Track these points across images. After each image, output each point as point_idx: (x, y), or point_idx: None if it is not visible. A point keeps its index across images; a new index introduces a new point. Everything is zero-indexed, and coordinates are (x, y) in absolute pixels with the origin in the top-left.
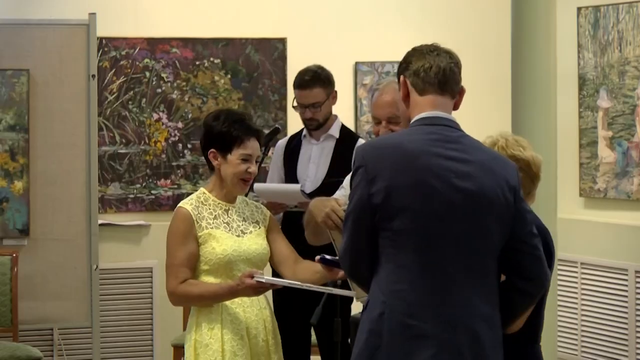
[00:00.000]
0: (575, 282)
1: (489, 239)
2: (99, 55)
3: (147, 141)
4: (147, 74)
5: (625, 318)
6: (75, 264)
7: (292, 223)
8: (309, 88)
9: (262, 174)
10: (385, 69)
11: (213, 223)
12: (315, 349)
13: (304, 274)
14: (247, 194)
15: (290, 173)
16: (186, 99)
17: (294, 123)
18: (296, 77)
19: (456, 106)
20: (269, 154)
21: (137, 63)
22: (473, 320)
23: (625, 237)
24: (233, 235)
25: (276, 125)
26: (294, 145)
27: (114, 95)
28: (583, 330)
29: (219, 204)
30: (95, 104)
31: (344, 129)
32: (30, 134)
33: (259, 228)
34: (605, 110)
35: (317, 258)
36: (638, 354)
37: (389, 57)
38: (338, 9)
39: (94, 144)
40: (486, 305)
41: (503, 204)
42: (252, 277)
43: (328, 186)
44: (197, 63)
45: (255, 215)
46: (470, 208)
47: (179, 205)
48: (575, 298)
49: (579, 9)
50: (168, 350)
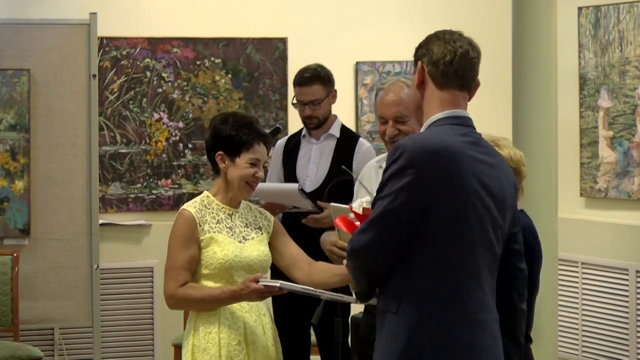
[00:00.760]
0: (576, 282)
1: (502, 242)
2: (100, 55)
3: (148, 141)
4: (148, 73)
5: (626, 318)
6: (75, 264)
7: (291, 224)
8: (308, 85)
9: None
10: (386, 69)
11: (216, 227)
12: (315, 349)
13: (320, 276)
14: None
15: (289, 173)
16: (187, 99)
17: (295, 123)
18: (296, 75)
19: (469, 99)
20: (269, 154)
21: (138, 63)
22: (495, 325)
23: (626, 237)
24: (235, 240)
25: (277, 125)
26: (293, 145)
27: (114, 95)
28: (584, 330)
29: (222, 208)
30: (96, 104)
31: (344, 128)
32: (31, 133)
33: (261, 234)
34: (606, 110)
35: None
36: (639, 353)
37: (389, 57)
38: (339, 9)
39: (95, 143)
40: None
41: (513, 207)
42: (257, 282)
43: (329, 188)
44: (198, 63)
45: (259, 221)
46: (498, 212)
47: (182, 207)
48: (576, 298)
49: (579, 9)
50: (169, 349)
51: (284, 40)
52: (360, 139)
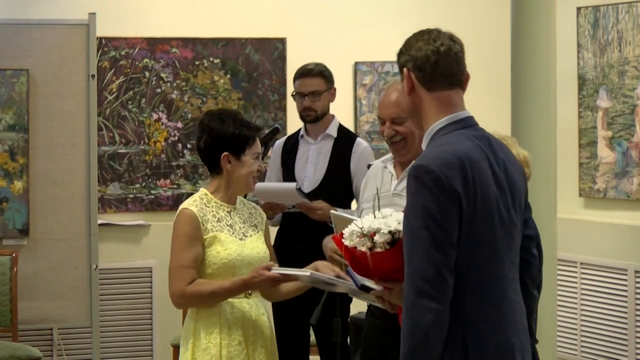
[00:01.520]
0: (575, 282)
1: (520, 235)
2: (99, 55)
3: (147, 141)
4: (147, 73)
5: (625, 318)
6: (75, 264)
7: (290, 224)
8: (310, 77)
9: (261, 175)
10: (385, 69)
11: (217, 226)
12: (314, 349)
13: (287, 286)
14: (246, 195)
15: (288, 173)
16: (186, 99)
17: (294, 123)
18: (298, 69)
19: (463, 92)
20: (268, 154)
21: (137, 63)
22: (525, 321)
23: (625, 237)
24: (236, 238)
25: (276, 125)
26: (291, 145)
27: (113, 95)
28: (583, 330)
29: (221, 205)
30: (94, 104)
31: (341, 128)
32: (30, 133)
33: (258, 232)
34: (605, 110)
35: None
36: (638, 353)
37: (388, 57)
38: (338, 9)
39: (94, 143)
40: None
41: (525, 194)
42: (269, 270)
43: (327, 187)
44: (197, 63)
45: (254, 217)
46: (515, 209)
47: (182, 206)
48: (575, 298)
49: (578, 9)
50: (167, 349)
51: (283, 41)
52: (358, 139)
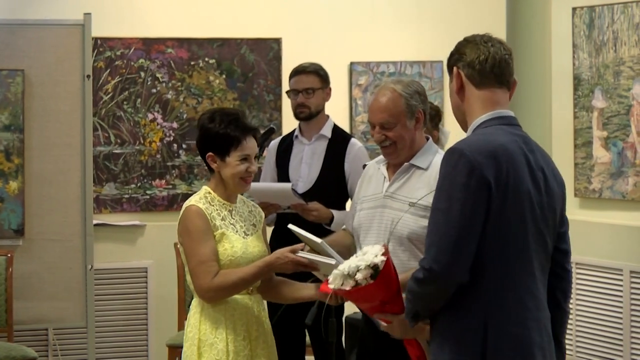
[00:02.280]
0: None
1: (553, 241)
2: (94, 55)
3: (142, 141)
4: (142, 74)
5: (620, 318)
6: (70, 264)
7: (285, 224)
8: (305, 74)
9: (257, 176)
10: (381, 69)
11: (222, 224)
12: (309, 349)
13: (291, 291)
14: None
15: (282, 174)
16: (181, 99)
17: (289, 123)
18: (294, 68)
19: (509, 98)
20: (264, 154)
21: (132, 63)
22: (549, 324)
23: (621, 238)
24: (240, 237)
25: (271, 126)
26: (286, 146)
27: (109, 96)
28: (578, 331)
29: (223, 204)
30: (90, 104)
31: (336, 129)
32: (25, 134)
33: (257, 231)
34: (600, 110)
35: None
36: (633, 354)
37: (384, 57)
38: (333, 9)
39: (89, 144)
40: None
41: (562, 207)
42: (295, 253)
43: (321, 187)
44: (192, 63)
45: (253, 215)
46: (549, 211)
47: (188, 203)
48: (571, 298)
49: (574, 9)
50: (163, 350)
51: (278, 41)
52: (352, 139)
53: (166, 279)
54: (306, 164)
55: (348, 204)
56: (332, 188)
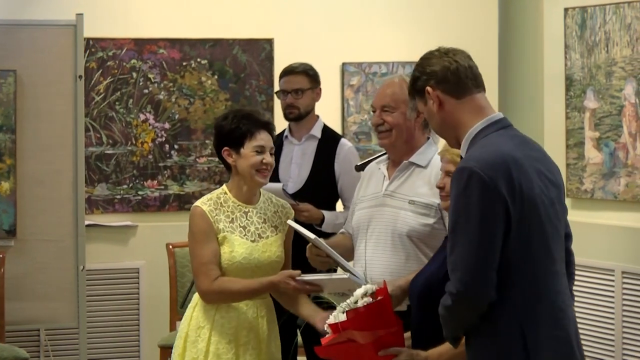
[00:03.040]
0: None
1: (563, 229)
2: (86, 55)
3: (134, 142)
4: (134, 74)
5: (612, 319)
6: (62, 265)
7: None
8: (294, 74)
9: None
10: (373, 70)
11: (229, 226)
12: (301, 350)
13: (306, 309)
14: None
15: (272, 173)
16: (173, 100)
17: (280, 124)
18: (283, 68)
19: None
20: None
21: (124, 64)
22: (574, 315)
23: (612, 238)
24: (247, 240)
25: None
26: (276, 146)
27: (101, 96)
28: None
29: (238, 205)
30: (82, 105)
31: (326, 129)
32: (18, 134)
33: (276, 234)
34: (592, 111)
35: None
36: (624, 354)
37: (376, 58)
38: (325, 10)
39: (81, 144)
40: None
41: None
42: (295, 279)
43: (311, 187)
44: (184, 64)
45: (278, 217)
46: (559, 203)
47: (195, 204)
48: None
49: (566, 10)
50: (155, 351)
51: (270, 42)
52: (342, 140)
53: (158, 280)
54: (296, 165)
55: (338, 205)
56: (322, 188)
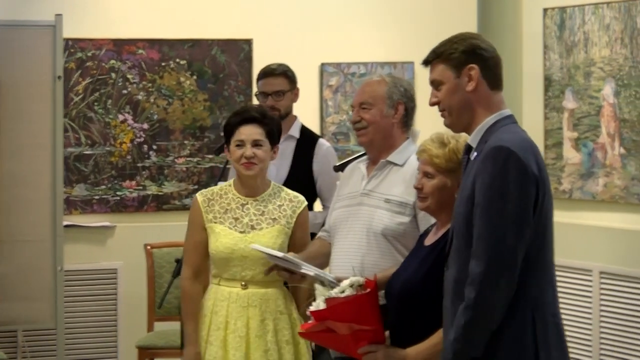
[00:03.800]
0: None
1: None
2: (65, 56)
3: (113, 142)
4: (113, 75)
5: (590, 319)
6: (40, 266)
7: None
8: (274, 76)
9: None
10: (352, 70)
11: (219, 218)
12: None
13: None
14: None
15: None
16: (152, 100)
17: None
18: (262, 69)
19: None
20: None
21: (103, 64)
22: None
23: (590, 238)
24: (236, 231)
25: None
26: None
27: (79, 97)
28: None
29: (237, 198)
30: (61, 105)
31: (304, 129)
32: None
33: (273, 226)
34: (571, 111)
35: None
36: (602, 355)
37: (355, 58)
38: (304, 10)
39: (60, 145)
40: None
41: None
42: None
43: (290, 188)
44: (163, 64)
45: (283, 210)
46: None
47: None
48: None
49: (545, 10)
50: (132, 351)
51: (249, 42)
52: (320, 140)
53: (136, 280)
54: (274, 165)
55: (317, 205)
56: (301, 188)
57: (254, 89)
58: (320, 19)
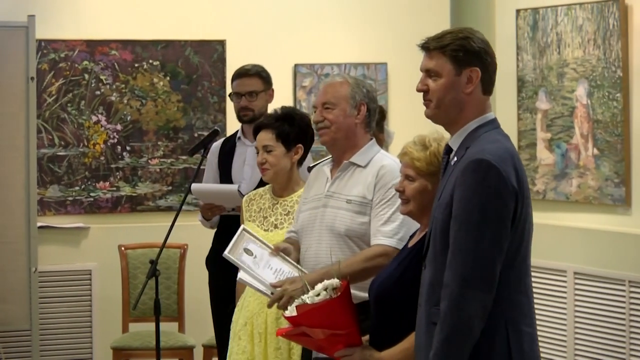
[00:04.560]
0: None
1: None
2: (38, 57)
3: (86, 143)
4: (86, 76)
5: (564, 319)
6: (14, 267)
7: (228, 227)
8: (248, 76)
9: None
10: (325, 71)
11: (253, 216)
12: None
13: None
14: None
15: (225, 175)
16: (125, 101)
17: (233, 125)
18: (236, 70)
19: None
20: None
21: (76, 65)
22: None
23: (564, 239)
24: (262, 229)
25: (215, 127)
26: (229, 148)
27: (53, 98)
28: None
29: (270, 198)
30: (34, 106)
31: None
32: None
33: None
34: (544, 112)
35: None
36: (576, 355)
37: (328, 59)
38: (277, 11)
39: (33, 146)
40: None
41: None
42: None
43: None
44: (136, 65)
45: None
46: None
47: None
48: None
49: (517, 11)
50: (107, 352)
51: (222, 43)
52: None
53: (110, 281)
54: (249, 166)
55: None
56: None
57: (228, 89)
58: (294, 20)
